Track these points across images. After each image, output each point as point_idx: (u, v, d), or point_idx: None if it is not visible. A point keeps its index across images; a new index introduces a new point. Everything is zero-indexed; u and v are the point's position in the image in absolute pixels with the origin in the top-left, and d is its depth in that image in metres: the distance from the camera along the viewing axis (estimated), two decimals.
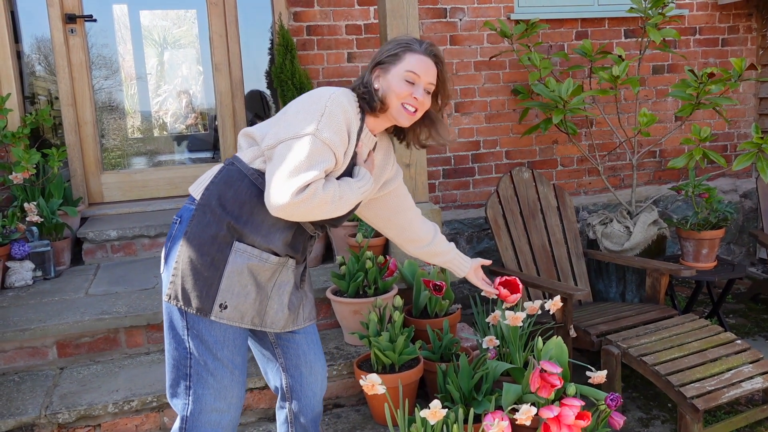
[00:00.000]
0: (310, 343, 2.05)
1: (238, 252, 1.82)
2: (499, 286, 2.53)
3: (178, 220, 1.88)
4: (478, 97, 4.42)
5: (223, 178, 1.86)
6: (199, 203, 1.84)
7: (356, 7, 4.14)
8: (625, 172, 4.77)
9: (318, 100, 1.80)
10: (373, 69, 1.92)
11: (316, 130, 1.74)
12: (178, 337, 1.84)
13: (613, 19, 4.58)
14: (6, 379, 2.76)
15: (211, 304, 1.80)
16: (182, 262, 1.81)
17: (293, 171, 1.71)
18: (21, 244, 3.29)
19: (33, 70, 4.12)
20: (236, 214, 1.82)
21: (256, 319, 1.89)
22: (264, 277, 1.88)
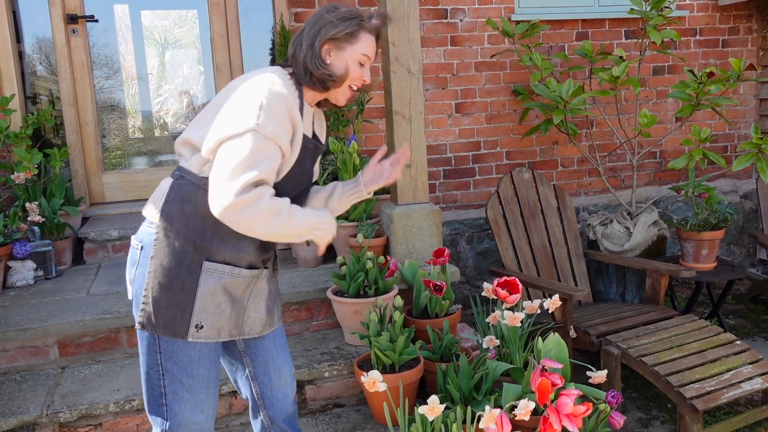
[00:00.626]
0: (278, 348, 2.03)
1: (209, 272, 1.76)
2: (497, 288, 2.54)
3: (140, 246, 1.80)
4: (479, 98, 4.43)
5: (177, 194, 1.76)
6: (159, 226, 1.75)
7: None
8: (625, 172, 4.77)
9: (254, 91, 1.69)
10: (323, 43, 1.79)
11: (257, 125, 1.65)
12: (152, 359, 1.80)
13: (614, 20, 4.58)
14: (7, 379, 2.77)
15: (187, 326, 1.76)
16: (152, 290, 1.75)
17: (235, 170, 1.63)
18: (23, 243, 3.30)
19: (34, 70, 4.12)
20: (200, 230, 1.75)
21: (234, 330, 1.87)
22: (238, 291, 1.85)
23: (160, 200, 1.79)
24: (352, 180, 2.06)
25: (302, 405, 2.79)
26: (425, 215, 3.19)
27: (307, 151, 1.86)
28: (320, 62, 1.79)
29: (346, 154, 3.32)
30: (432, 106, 4.35)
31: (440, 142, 4.40)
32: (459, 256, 4.45)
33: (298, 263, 3.45)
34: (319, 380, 2.78)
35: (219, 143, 1.68)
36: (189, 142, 1.80)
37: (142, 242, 1.79)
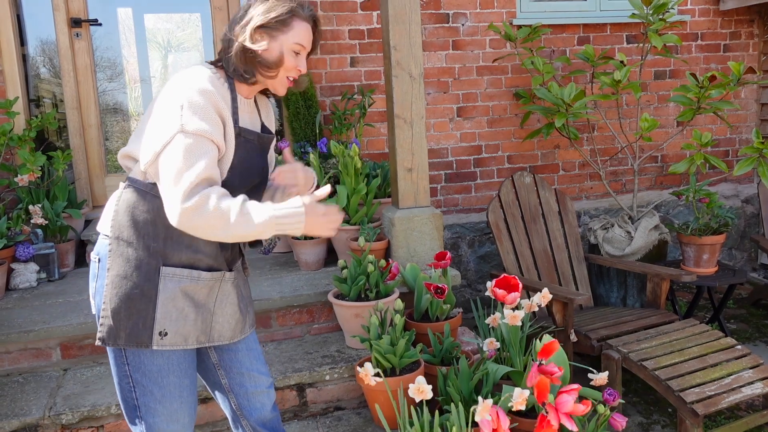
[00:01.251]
0: (252, 358, 1.99)
1: (167, 277, 1.74)
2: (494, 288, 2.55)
3: (97, 258, 1.78)
4: (480, 102, 4.44)
5: (125, 203, 1.75)
6: (112, 237, 1.74)
7: (359, 12, 4.17)
8: (626, 177, 4.78)
9: (173, 94, 1.66)
10: (253, 32, 1.74)
11: (182, 126, 1.62)
12: (121, 371, 1.79)
13: (615, 24, 4.60)
14: (10, 380, 2.78)
15: (150, 334, 1.73)
16: (110, 301, 1.73)
17: (175, 176, 1.61)
18: (26, 246, 3.31)
19: (38, 73, 4.14)
20: (152, 234, 1.73)
21: (202, 336, 1.84)
22: (201, 296, 1.81)
23: (110, 211, 1.78)
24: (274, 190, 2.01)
25: (303, 408, 2.80)
26: (426, 219, 3.20)
27: (248, 143, 1.82)
28: (251, 52, 1.75)
29: (348, 157, 3.33)
30: (434, 109, 4.36)
31: (442, 146, 4.41)
32: (460, 260, 4.45)
33: (299, 266, 3.46)
34: (320, 383, 2.79)
35: (155, 156, 1.65)
36: (128, 155, 1.79)
37: (99, 254, 1.78)
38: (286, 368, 2.78)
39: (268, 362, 2.85)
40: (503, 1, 4.37)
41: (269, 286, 3.17)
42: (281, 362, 2.84)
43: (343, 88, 4.19)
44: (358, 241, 3.11)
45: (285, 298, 3.05)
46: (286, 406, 2.76)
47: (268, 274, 3.39)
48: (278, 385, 2.72)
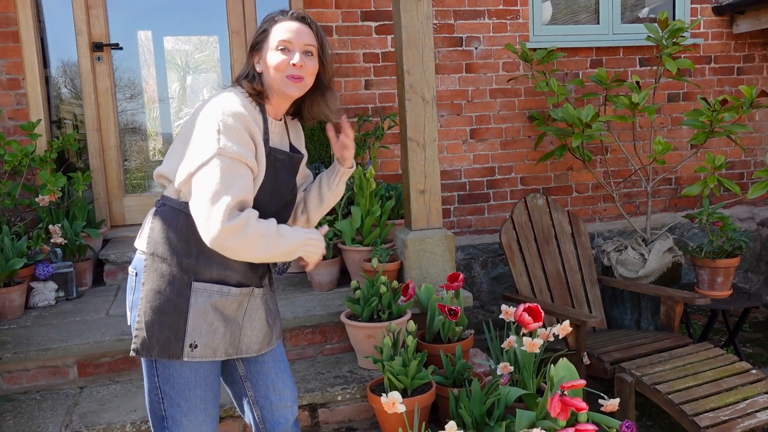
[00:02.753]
0: (278, 371, 2.05)
1: (198, 292, 1.81)
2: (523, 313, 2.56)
3: (134, 272, 1.86)
4: (494, 124, 4.48)
5: (160, 220, 1.83)
6: (148, 253, 1.82)
7: (374, 36, 4.23)
8: (640, 199, 4.78)
9: (209, 118, 1.73)
10: (251, 56, 1.86)
11: (220, 149, 1.69)
12: (152, 383, 1.85)
13: (628, 48, 4.63)
14: (28, 398, 2.82)
15: (181, 346, 1.80)
16: (144, 314, 1.80)
17: (213, 197, 1.67)
18: (45, 265, 3.37)
19: (59, 94, 4.24)
20: (185, 251, 1.80)
21: (230, 349, 1.90)
22: (231, 310, 1.87)
23: (146, 228, 1.86)
24: (330, 166, 2.09)
25: (315, 428, 2.81)
26: (439, 240, 3.22)
27: (279, 162, 1.89)
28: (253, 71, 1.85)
29: (363, 179, 3.37)
30: (447, 131, 4.40)
31: (455, 168, 4.44)
32: (473, 281, 4.46)
33: (312, 287, 3.49)
34: (332, 403, 2.80)
35: (189, 176, 1.73)
36: (163, 176, 1.86)
37: (136, 269, 1.86)
38: (298, 388, 2.80)
39: None
40: (516, 25, 4.43)
41: (283, 306, 3.20)
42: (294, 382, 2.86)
43: (358, 111, 4.24)
44: (371, 262, 3.13)
45: (298, 318, 3.07)
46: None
47: (282, 294, 3.42)
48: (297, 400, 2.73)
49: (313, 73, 1.87)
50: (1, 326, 3.11)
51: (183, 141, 1.80)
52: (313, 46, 1.85)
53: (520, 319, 2.52)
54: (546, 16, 4.58)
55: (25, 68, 3.84)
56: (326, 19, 4.15)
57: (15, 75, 3.82)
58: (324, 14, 4.15)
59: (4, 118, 3.81)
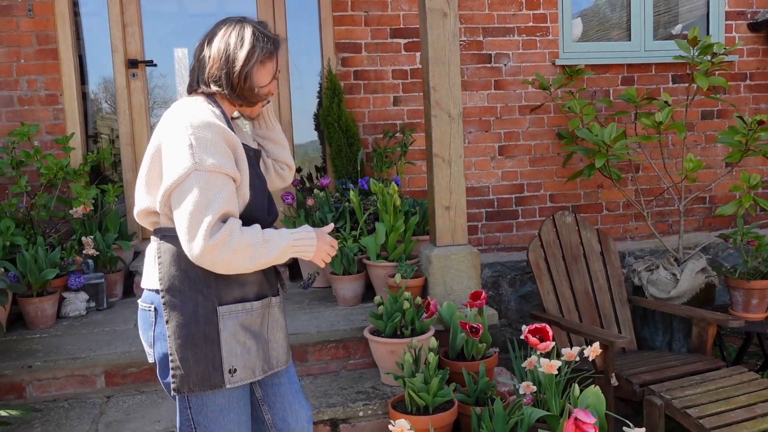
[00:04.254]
0: (293, 392, 2.04)
1: (225, 316, 1.77)
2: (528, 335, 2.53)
3: (152, 307, 1.81)
4: (523, 141, 4.46)
5: (168, 254, 1.77)
6: (164, 290, 1.76)
7: (403, 52, 4.26)
8: (672, 217, 4.69)
9: (178, 133, 1.69)
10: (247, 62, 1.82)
11: (195, 164, 1.65)
12: (183, 417, 1.84)
13: (661, 64, 4.57)
14: (56, 405, 2.87)
15: (221, 374, 1.77)
16: (177, 352, 1.75)
17: (193, 215, 1.63)
18: (77, 275, 3.45)
19: (99, 108, 4.35)
20: (203, 278, 1.76)
21: (265, 366, 1.88)
22: (257, 325, 1.86)
23: (154, 265, 1.81)
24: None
25: None
26: (464, 257, 3.20)
27: (250, 158, 1.87)
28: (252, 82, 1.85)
29: (387, 195, 3.38)
30: (475, 148, 4.39)
31: (483, 184, 4.43)
32: (501, 299, 4.42)
33: (337, 301, 3.50)
34: (354, 419, 2.79)
35: (167, 195, 1.69)
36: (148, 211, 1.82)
37: (154, 303, 1.81)
38: (320, 403, 2.80)
39: None
40: (546, 41, 4.41)
41: (307, 321, 3.21)
42: (316, 397, 2.86)
43: (386, 127, 4.26)
44: (395, 277, 3.13)
45: (322, 333, 3.08)
46: None
47: (307, 308, 3.44)
48: (312, 419, 2.73)
49: None
50: (33, 335, 3.18)
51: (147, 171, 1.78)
52: None
53: (528, 341, 2.50)
54: (576, 33, 4.56)
55: (63, 84, 3.96)
56: (356, 36, 4.20)
57: (53, 91, 3.94)
58: (353, 31, 4.19)
59: (42, 133, 3.93)
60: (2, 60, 3.87)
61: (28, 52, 3.90)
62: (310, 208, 3.81)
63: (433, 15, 3.13)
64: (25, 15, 3.86)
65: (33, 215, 3.66)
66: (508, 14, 4.36)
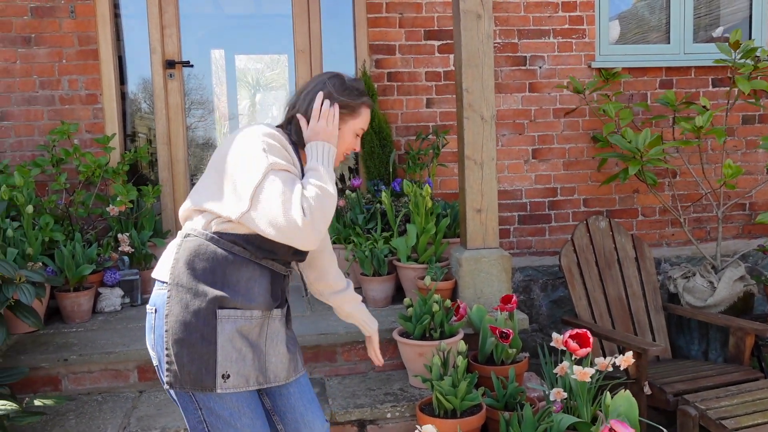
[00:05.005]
0: (305, 403, 2.02)
1: (224, 319, 1.80)
2: (568, 340, 2.49)
3: (154, 309, 1.85)
4: (557, 144, 4.40)
5: (185, 252, 1.82)
6: (170, 284, 1.80)
7: (436, 54, 4.25)
8: (710, 224, 4.59)
9: (250, 141, 1.80)
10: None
11: (270, 164, 1.75)
12: (195, 418, 1.84)
13: (700, 68, 4.47)
14: (90, 399, 2.93)
15: (213, 377, 1.78)
16: (173, 347, 1.78)
17: (284, 205, 1.72)
18: (113, 272, 3.52)
19: (138, 108, 4.44)
20: (210, 281, 1.80)
21: (260, 377, 1.88)
22: (254, 335, 1.87)
23: (170, 259, 1.85)
24: (373, 321, 2.28)
25: None
26: (494, 260, 3.18)
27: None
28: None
29: (419, 197, 3.37)
30: (508, 151, 4.36)
31: (516, 188, 4.39)
32: (532, 303, 4.38)
33: (367, 303, 3.50)
34: (381, 420, 2.79)
35: (251, 201, 1.75)
36: (196, 210, 1.88)
37: (155, 305, 1.85)
38: (348, 403, 2.81)
39: (332, 396, 2.89)
40: (582, 44, 4.36)
41: (336, 321, 3.22)
42: (344, 397, 2.87)
43: (418, 128, 4.26)
44: (424, 280, 3.12)
45: (351, 333, 3.09)
46: None
47: None
48: (339, 419, 2.74)
49: None
50: (70, 329, 3.25)
51: (216, 173, 1.84)
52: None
53: (566, 346, 2.46)
54: (614, 35, 4.49)
55: (103, 84, 4.04)
56: (390, 38, 4.20)
57: (93, 90, 4.03)
58: (388, 33, 4.20)
59: (82, 131, 4.01)
60: (45, 60, 3.97)
61: (70, 52, 3.99)
62: (341, 209, 3.83)
63: (466, 16, 3.12)
64: (67, 16, 3.96)
65: (71, 212, 3.74)
66: (544, 16, 4.32)
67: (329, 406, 2.79)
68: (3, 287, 2.68)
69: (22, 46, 3.94)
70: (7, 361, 2.85)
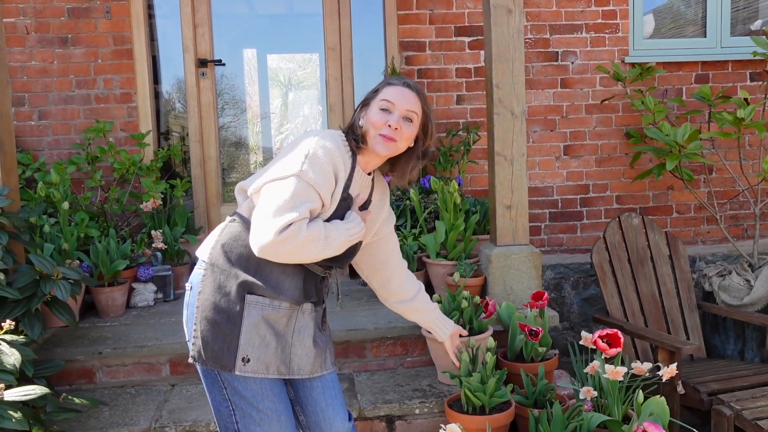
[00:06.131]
0: (327, 399, 2.03)
1: (251, 304, 1.85)
2: (597, 339, 2.46)
3: (190, 287, 1.93)
4: (589, 141, 4.35)
5: (226, 234, 1.90)
6: (207, 263, 1.89)
7: (467, 51, 4.23)
8: (747, 221, 4.48)
9: (303, 144, 1.85)
10: (360, 110, 1.99)
11: (301, 171, 1.78)
12: (220, 396, 1.89)
13: (738, 62, 4.37)
14: (124, 391, 2.99)
15: (233, 359, 1.84)
16: (200, 323, 1.86)
17: (277, 210, 1.75)
18: (146, 267, 3.58)
19: (172, 108, 4.51)
20: (244, 267, 1.86)
21: (282, 367, 1.91)
22: (281, 325, 1.90)
23: (212, 239, 1.93)
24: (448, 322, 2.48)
25: None
26: (525, 257, 3.15)
27: (347, 209, 1.96)
28: (355, 124, 1.97)
29: (447, 193, 3.36)
30: (539, 147, 4.32)
31: (547, 184, 4.35)
32: (563, 301, 4.33)
33: None
34: (410, 416, 2.79)
35: (262, 185, 1.82)
36: (242, 188, 1.95)
37: (192, 283, 1.93)
38: (376, 399, 2.82)
39: (360, 392, 2.89)
40: (615, 39, 4.29)
41: (365, 317, 3.23)
42: (372, 392, 2.88)
43: (449, 125, 4.24)
44: (453, 276, 3.11)
45: (379, 329, 3.09)
46: None
47: (365, 305, 3.46)
48: (368, 415, 2.75)
49: (409, 138, 1.97)
50: (104, 323, 3.32)
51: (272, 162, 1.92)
52: (414, 113, 1.94)
53: (596, 345, 2.43)
54: (648, 30, 4.42)
55: (137, 83, 4.12)
56: (420, 34, 4.20)
57: (128, 89, 4.10)
58: (418, 30, 4.19)
59: (116, 129, 4.09)
60: (81, 60, 4.06)
61: (105, 52, 4.07)
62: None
63: (497, 11, 3.09)
64: (102, 17, 4.04)
65: (106, 209, 3.82)
66: (576, 11, 4.27)
67: (358, 401, 2.80)
68: (41, 283, 2.74)
69: (59, 47, 4.03)
70: (43, 354, 2.91)
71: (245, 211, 1.92)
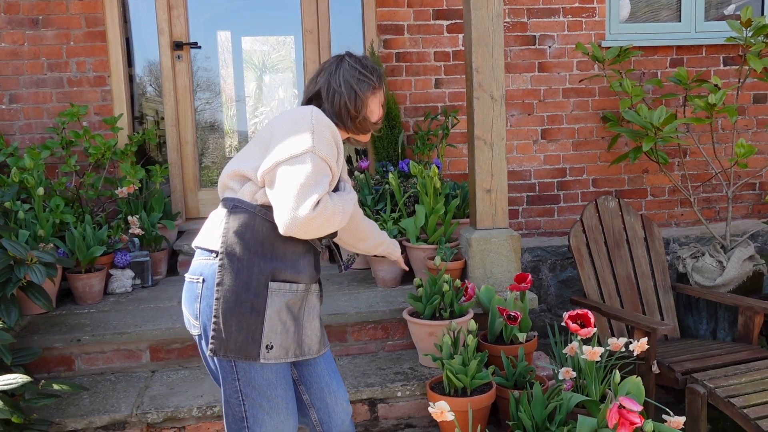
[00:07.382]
0: (330, 373, 2.08)
1: (274, 292, 1.87)
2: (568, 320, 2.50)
3: (200, 279, 1.89)
4: (566, 124, 4.38)
5: (237, 222, 1.88)
6: (222, 253, 1.86)
7: (445, 34, 4.22)
8: (720, 204, 4.57)
9: (302, 118, 1.86)
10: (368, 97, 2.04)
11: (313, 147, 1.81)
12: (231, 387, 1.89)
13: (711, 46, 4.43)
14: (104, 378, 2.97)
15: (258, 347, 1.85)
16: (222, 316, 1.84)
17: (303, 188, 1.76)
18: (123, 253, 3.54)
19: (144, 92, 4.44)
20: (261, 253, 1.86)
21: (297, 350, 1.95)
22: (296, 308, 1.94)
23: (219, 229, 1.91)
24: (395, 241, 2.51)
25: (374, 423, 2.83)
26: (504, 240, 3.18)
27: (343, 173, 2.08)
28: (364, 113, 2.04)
29: (426, 177, 3.37)
30: (517, 131, 4.34)
31: (525, 168, 4.38)
32: (541, 284, 4.38)
33: (376, 283, 3.51)
34: (392, 399, 2.82)
35: (276, 165, 1.81)
36: (242, 174, 1.93)
37: (203, 275, 1.90)
38: (358, 382, 2.83)
39: (342, 375, 2.91)
40: (592, 23, 4.32)
41: (346, 302, 3.24)
42: (354, 376, 2.90)
43: (427, 109, 4.24)
44: (434, 260, 3.13)
45: (361, 314, 3.10)
46: (357, 420, 2.81)
47: (346, 289, 3.47)
48: (350, 398, 2.77)
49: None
50: (82, 310, 3.28)
51: (262, 143, 1.90)
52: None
53: (568, 326, 2.47)
54: (624, 14, 4.45)
55: (111, 66, 4.04)
56: (398, 17, 4.18)
57: (101, 72, 4.03)
58: (396, 13, 4.17)
59: (90, 113, 4.02)
60: (53, 42, 3.96)
61: (78, 34, 3.98)
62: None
63: None
64: None
65: (81, 194, 3.76)
66: None
67: None
68: (15, 268, 2.70)
69: (29, 28, 3.94)
70: (20, 342, 2.88)
71: (247, 196, 1.90)
